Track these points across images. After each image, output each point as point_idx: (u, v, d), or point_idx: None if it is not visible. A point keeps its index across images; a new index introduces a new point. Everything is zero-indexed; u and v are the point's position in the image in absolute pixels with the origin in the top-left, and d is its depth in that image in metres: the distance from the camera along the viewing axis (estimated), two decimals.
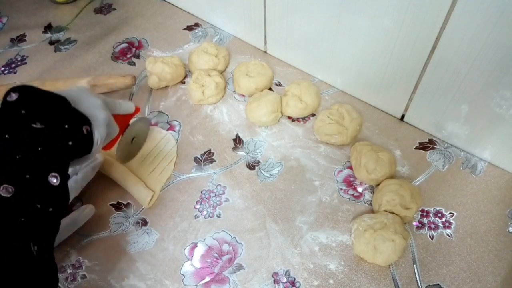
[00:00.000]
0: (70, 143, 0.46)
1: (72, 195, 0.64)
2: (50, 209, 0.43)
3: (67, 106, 0.48)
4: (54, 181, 0.44)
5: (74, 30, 0.95)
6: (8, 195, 0.40)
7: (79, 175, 0.65)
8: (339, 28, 0.70)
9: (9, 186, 0.40)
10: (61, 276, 0.62)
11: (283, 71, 0.85)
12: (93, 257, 0.63)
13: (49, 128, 0.44)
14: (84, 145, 0.49)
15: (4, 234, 0.39)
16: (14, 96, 0.44)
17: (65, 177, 0.46)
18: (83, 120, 0.49)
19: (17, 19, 0.98)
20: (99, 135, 0.51)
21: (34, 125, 0.43)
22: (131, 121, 0.64)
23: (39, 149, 0.43)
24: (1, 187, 0.39)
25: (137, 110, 0.64)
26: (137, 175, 0.70)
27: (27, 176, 0.41)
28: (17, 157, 0.41)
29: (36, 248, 0.41)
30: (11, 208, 0.40)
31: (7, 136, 0.42)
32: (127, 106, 0.62)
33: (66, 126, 0.46)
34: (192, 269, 0.61)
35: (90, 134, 0.49)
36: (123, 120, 0.61)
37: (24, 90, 0.45)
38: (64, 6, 1.01)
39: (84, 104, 0.50)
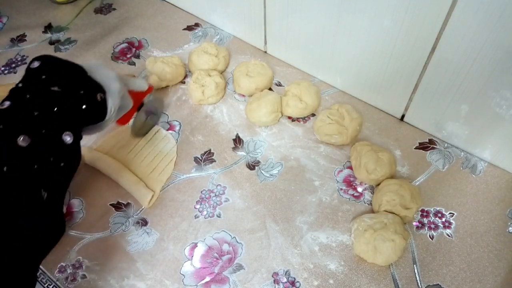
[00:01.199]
0: (84, 106, 0.50)
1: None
2: (62, 164, 0.48)
3: (83, 74, 0.52)
4: (68, 139, 0.48)
5: (74, 30, 0.95)
6: (25, 144, 0.44)
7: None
8: (339, 28, 0.70)
9: (27, 136, 0.44)
10: (61, 276, 0.62)
11: (283, 71, 0.85)
12: (93, 257, 0.63)
13: (65, 92, 0.49)
14: (98, 111, 0.53)
15: (17, 177, 0.43)
16: (36, 64, 0.50)
17: (78, 138, 0.50)
18: (98, 88, 0.53)
19: (17, 19, 0.98)
20: (112, 104, 0.55)
21: (52, 88, 0.48)
22: (145, 99, 0.68)
23: (55, 109, 0.47)
24: (20, 137, 0.43)
25: (150, 88, 0.68)
26: (137, 175, 0.70)
27: (43, 131, 0.46)
28: (35, 114, 0.46)
29: (46, 194, 0.45)
30: (27, 156, 0.44)
31: (28, 96, 0.47)
32: (140, 83, 0.66)
33: (82, 92, 0.51)
34: (192, 269, 0.61)
35: (104, 101, 0.53)
36: (137, 97, 0.65)
37: (46, 59, 0.51)
38: (64, 6, 1.01)
39: (100, 75, 0.54)
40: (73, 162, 0.50)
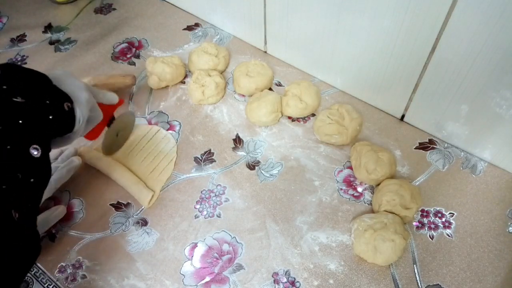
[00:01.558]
0: (50, 117, 0.47)
1: (46, 196, 0.65)
2: (32, 180, 0.45)
3: (48, 83, 0.49)
4: (35, 153, 0.45)
5: (74, 30, 0.95)
6: None
7: (53, 177, 0.65)
8: (339, 28, 0.70)
9: None
10: (61, 276, 0.62)
11: (283, 71, 0.85)
12: (93, 257, 0.63)
13: (29, 102, 0.46)
14: (65, 121, 0.51)
15: None
16: None
17: (46, 150, 0.47)
18: (64, 97, 0.50)
19: (17, 19, 0.98)
20: (81, 114, 0.52)
21: (15, 99, 0.44)
22: (116, 114, 0.65)
23: (20, 122, 0.44)
24: None
25: (120, 102, 0.65)
26: (137, 175, 0.70)
27: (8, 147, 0.42)
28: None
29: (17, 215, 0.42)
30: None
31: None
32: (110, 96, 0.63)
33: (47, 101, 0.47)
34: (192, 269, 0.61)
35: (72, 111, 0.51)
36: (107, 110, 0.62)
37: (6, 67, 0.47)
38: (64, 6, 1.01)
39: (67, 84, 0.52)
40: (43, 176, 0.47)
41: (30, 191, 0.45)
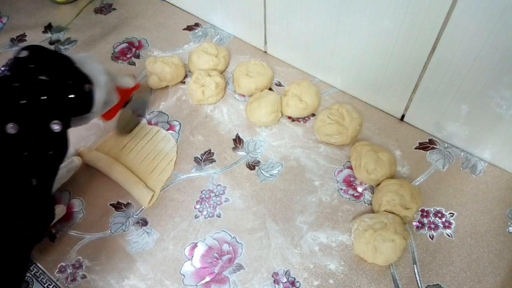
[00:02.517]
0: (71, 96, 0.51)
1: None
2: (50, 152, 0.49)
3: (71, 64, 0.54)
4: (56, 127, 0.49)
5: (74, 30, 0.95)
6: (14, 132, 0.45)
7: None
8: (339, 28, 0.70)
9: (16, 124, 0.45)
10: (61, 276, 0.62)
11: (283, 71, 0.85)
12: (93, 257, 0.63)
13: (53, 81, 0.50)
14: (85, 101, 0.54)
15: (6, 164, 0.44)
16: (24, 53, 0.50)
17: (66, 126, 0.51)
18: (85, 78, 0.54)
19: (17, 19, 0.98)
20: (99, 95, 0.56)
21: (40, 77, 0.49)
22: (131, 97, 0.70)
23: (43, 98, 0.48)
24: (9, 124, 0.45)
25: (137, 86, 0.70)
26: (137, 175, 0.70)
27: (32, 119, 0.47)
28: (23, 102, 0.47)
29: (35, 181, 0.47)
30: (15, 143, 0.45)
31: (16, 84, 0.47)
32: (127, 80, 0.67)
33: (69, 81, 0.52)
34: (192, 269, 0.61)
35: (91, 93, 0.54)
36: (123, 93, 0.67)
37: (34, 48, 0.51)
38: (64, 6, 1.01)
39: (88, 67, 0.55)
40: (61, 150, 0.51)
41: (49, 162, 0.50)
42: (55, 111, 0.50)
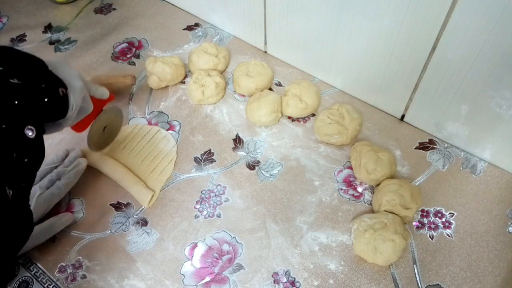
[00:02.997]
0: (46, 100, 0.49)
1: (55, 201, 0.66)
2: (26, 160, 0.46)
3: (44, 67, 0.51)
4: (30, 134, 0.46)
5: (74, 30, 0.95)
6: None
7: (62, 181, 0.66)
8: (339, 28, 0.70)
9: None
10: (61, 276, 0.62)
11: (283, 71, 0.85)
12: (93, 257, 0.63)
13: (25, 84, 0.46)
14: (59, 106, 0.52)
15: None
16: None
17: (40, 132, 0.48)
18: (59, 82, 0.52)
19: (17, 19, 0.98)
20: (74, 100, 0.54)
21: (11, 80, 0.45)
22: (104, 108, 0.66)
23: (16, 102, 0.45)
24: None
25: (111, 97, 0.67)
26: (137, 175, 0.70)
27: (3, 126, 0.43)
28: None
29: (11, 192, 0.43)
30: None
31: None
32: (102, 91, 0.65)
33: (43, 85, 0.49)
34: (192, 269, 0.61)
35: (66, 97, 0.52)
36: (96, 104, 0.63)
37: (3, 50, 0.48)
38: (64, 6, 1.01)
39: (62, 71, 0.53)
40: (37, 157, 0.48)
41: (24, 171, 0.46)
42: (29, 116, 0.46)
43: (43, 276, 0.62)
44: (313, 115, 0.77)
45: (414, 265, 0.60)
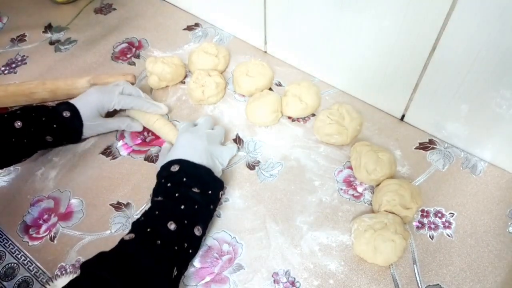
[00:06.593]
0: (211, 207, 0.62)
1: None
2: (190, 251, 0.57)
3: (211, 174, 0.63)
4: (198, 233, 0.58)
5: (74, 30, 0.95)
6: (172, 229, 0.54)
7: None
8: (339, 28, 0.70)
9: (175, 224, 0.54)
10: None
11: (283, 71, 0.85)
12: None
13: (202, 192, 0.60)
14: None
15: (165, 256, 0.52)
16: (176, 167, 0.60)
17: (204, 233, 0.60)
18: (221, 186, 0.63)
19: (17, 19, 0.98)
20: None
21: (193, 189, 0.59)
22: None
23: (196, 207, 0.58)
24: (169, 223, 0.54)
25: None
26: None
27: (185, 222, 0.56)
28: (182, 207, 0.57)
29: (175, 272, 0.53)
30: (174, 239, 0.54)
31: (176, 194, 0.58)
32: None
33: (210, 192, 0.61)
34: (192, 269, 0.61)
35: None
36: None
37: (184, 164, 0.61)
38: (64, 6, 1.01)
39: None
40: (196, 249, 0.59)
41: (187, 260, 0.57)
42: (199, 218, 0.58)
43: (43, 276, 0.62)
44: (313, 115, 0.77)
45: (414, 265, 0.60)
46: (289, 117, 0.77)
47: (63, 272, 0.62)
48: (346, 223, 0.64)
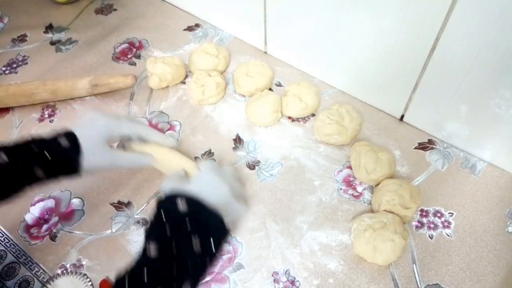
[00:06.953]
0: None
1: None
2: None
3: (220, 220, 0.52)
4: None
5: (75, 31, 0.96)
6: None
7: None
8: (339, 28, 0.70)
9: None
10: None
11: (283, 71, 0.85)
12: (93, 256, 0.63)
13: (203, 237, 0.50)
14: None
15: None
16: (184, 206, 0.50)
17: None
18: (226, 233, 0.54)
19: (18, 19, 0.99)
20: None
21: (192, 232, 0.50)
22: None
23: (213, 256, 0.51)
24: None
25: None
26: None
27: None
28: None
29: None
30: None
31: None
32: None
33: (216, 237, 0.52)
34: None
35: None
36: None
37: (190, 202, 0.51)
38: (65, 7, 1.01)
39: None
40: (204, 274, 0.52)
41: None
42: (192, 278, 0.50)
43: (43, 275, 0.62)
44: (313, 115, 0.78)
45: (414, 265, 0.60)
46: (289, 117, 0.77)
47: (64, 271, 0.62)
48: (345, 222, 0.65)
